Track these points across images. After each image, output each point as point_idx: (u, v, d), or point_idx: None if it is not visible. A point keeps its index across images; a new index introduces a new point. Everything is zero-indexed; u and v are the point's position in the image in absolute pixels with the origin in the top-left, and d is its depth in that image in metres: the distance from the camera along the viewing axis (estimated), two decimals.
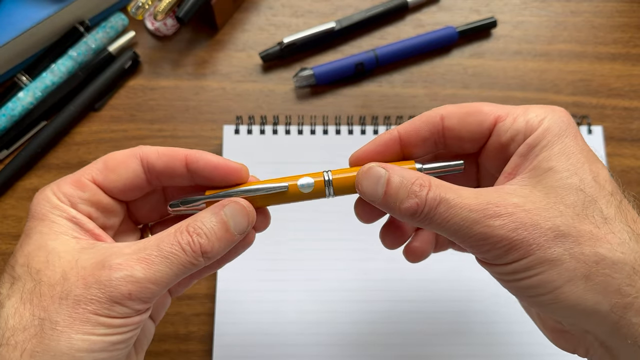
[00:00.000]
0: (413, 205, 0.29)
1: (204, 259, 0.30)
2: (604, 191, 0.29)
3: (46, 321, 0.27)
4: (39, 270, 0.29)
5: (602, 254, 0.28)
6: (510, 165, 0.31)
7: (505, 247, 0.28)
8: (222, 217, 0.30)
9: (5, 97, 0.50)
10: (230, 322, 0.45)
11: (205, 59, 0.53)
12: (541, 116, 0.31)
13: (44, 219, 0.30)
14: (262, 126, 0.50)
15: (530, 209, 0.29)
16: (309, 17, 0.55)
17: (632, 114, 0.52)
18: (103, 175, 0.32)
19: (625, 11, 0.56)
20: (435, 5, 0.56)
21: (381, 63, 0.53)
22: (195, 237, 0.29)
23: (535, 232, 0.28)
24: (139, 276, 0.28)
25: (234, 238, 0.31)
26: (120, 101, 0.52)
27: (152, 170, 0.32)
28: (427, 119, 0.33)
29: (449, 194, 0.29)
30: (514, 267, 0.29)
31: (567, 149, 0.30)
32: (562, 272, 0.28)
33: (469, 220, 0.29)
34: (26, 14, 0.49)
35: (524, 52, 0.54)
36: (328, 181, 0.32)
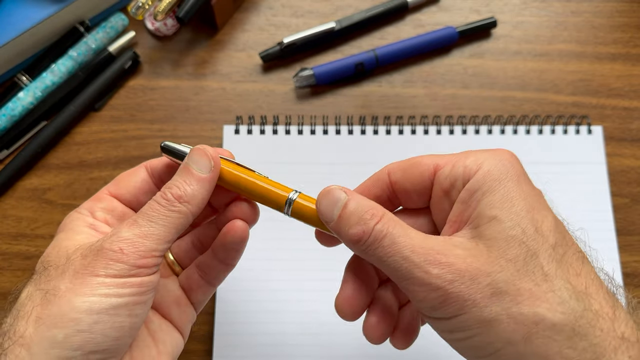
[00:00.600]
0: (359, 232, 0.30)
1: (182, 204, 0.32)
2: (546, 244, 0.29)
3: (50, 290, 0.29)
4: (50, 260, 0.31)
5: (542, 314, 0.27)
6: (453, 213, 0.31)
7: (439, 299, 0.28)
8: (184, 167, 0.33)
9: (6, 97, 0.50)
10: (230, 322, 0.45)
11: (205, 59, 0.54)
12: (480, 160, 0.31)
13: (64, 229, 0.34)
14: (262, 126, 0.50)
15: (471, 262, 0.28)
16: (309, 17, 0.55)
17: (632, 114, 0.52)
18: (117, 187, 0.36)
19: (625, 11, 0.56)
20: (435, 6, 0.56)
21: (381, 63, 0.53)
22: (166, 190, 0.32)
23: (473, 288, 0.28)
24: (126, 234, 0.30)
25: (203, 177, 0.33)
26: (120, 101, 0.52)
27: (155, 172, 0.36)
28: (375, 177, 0.34)
29: (396, 230, 0.29)
30: (452, 324, 0.28)
31: (509, 195, 0.29)
32: (501, 333, 0.27)
33: (409, 261, 0.28)
34: (26, 14, 0.49)
35: (523, 52, 0.54)
36: (289, 200, 0.33)
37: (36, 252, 0.47)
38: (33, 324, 0.28)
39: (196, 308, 0.37)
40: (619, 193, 0.49)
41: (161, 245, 0.31)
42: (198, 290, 0.37)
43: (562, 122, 0.51)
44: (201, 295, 0.37)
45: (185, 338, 0.37)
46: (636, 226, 0.48)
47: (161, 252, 0.31)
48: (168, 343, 0.35)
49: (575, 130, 0.51)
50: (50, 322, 0.28)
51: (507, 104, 0.52)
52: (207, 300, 0.38)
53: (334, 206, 0.31)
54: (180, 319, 0.36)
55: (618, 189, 0.49)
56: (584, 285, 0.28)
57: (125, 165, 0.50)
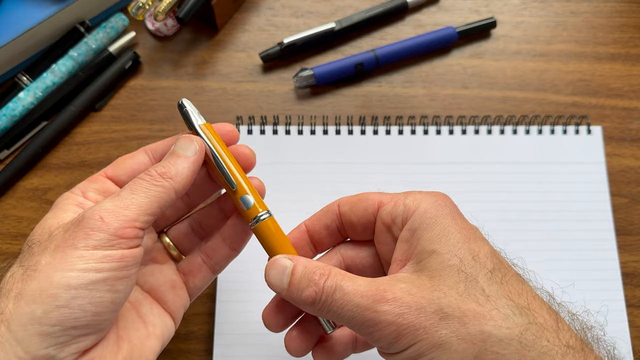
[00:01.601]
0: (312, 294, 0.31)
1: (166, 180, 0.32)
2: (485, 269, 0.30)
3: (31, 266, 0.29)
4: (34, 238, 0.31)
5: (488, 331, 0.28)
6: (397, 252, 0.32)
7: (393, 334, 0.29)
8: (171, 150, 0.34)
9: (6, 97, 0.50)
10: (230, 322, 0.45)
11: (205, 59, 0.54)
12: (418, 201, 0.32)
13: (54, 209, 0.33)
14: (262, 126, 0.50)
15: (416, 292, 0.29)
16: (309, 18, 0.55)
17: (631, 114, 0.52)
18: (114, 169, 0.35)
19: (624, 11, 0.56)
20: (435, 6, 0.56)
21: (381, 63, 0.53)
22: (151, 168, 0.33)
23: (421, 316, 0.29)
24: (108, 205, 0.30)
25: (189, 158, 0.33)
26: (120, 101, 0.52)
27: (156, 154, 0.36)
28: (327, 208, 0.36)
29: (344, 282, 0.30)
30: (407, 355, 0.29)
31: (446, 230, 0.31)
32: (452, 354, 0.28)
33: (361, 306, 0.29)
34: (27, 14, 0.49)
35: (523, 52, 0.54)
36: (256, 219, 0.34)
37: None
38: (13, 301, 0.28)
39: (191, 294, 0.38)
40: (618, 193, 0.49)
41: (142, 216, 0.31)
42: (198, 275, 0.37)
43: (561, 122, 0.51)
44: (200, 281, 0.37)
45: (176, 324, 0.37)
46: (635, 226, 0.48)
47: (142, 225, 0.31)
48: (158, 326, 0.35)
49: (574, 131, 0.51)
50: (29, 297, 0.28)
51: (507, 104, 0.52)
52: (204, 287, 0.38)
53: (282, 275, 0.32)
54: (174, 303, 0.36)
55: (617, 189, 0.49)
56: (526, 302, 0.30)
57: None
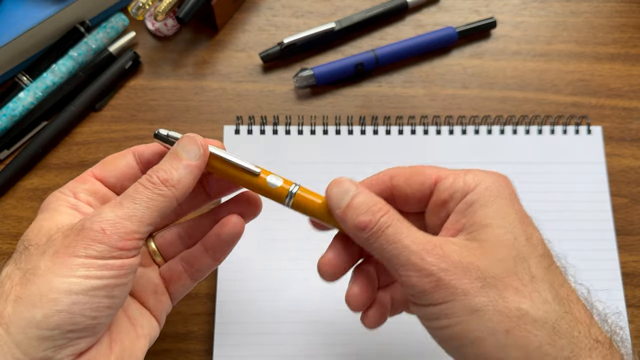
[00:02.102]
0: (366, 221, 0.31)
1: (167, 188, 0.32)
2: (536, 252, 0.31)
3: (29, 270, 0.29)
4: (30, 239, 0.31)
5: (526, 309, 0.29)
6: (450, 221, 0.33)
7: (431, 283, 0.29)
8: (173, 153, 0.33)
9: (6, 97, 0.50)
10: (230, 322, 0.45)
11: (205, 59, 0.54)
12: (479, 178, 0.33)
13: (46, 209, 0.33)
14: (262, 126, 0.50)
15: (465, 256, 0.30)
16: (309, 18, 0.55)
17: (631, 114, 0.52)
18: (101, 169, 0.35)
19: (624, 11, 0.56)
20: (435, 6, 0.56)
21: (381, 63, 0.53)
22: (152, 173, 0.32)
23: (464, 279, 0.29)
24: (109, 215, 0.30)
25: (191, 164, 0.33)
26: (120, 101, 0.52)
27: (142, 159, 0.36)
28: (377, 177, 0.36)
29: (400, 223, 0.32)
30: (439, 310, 0.30)
31: (503, 209, 0.32)
32: (485, 323, 0.29)
33: (409, 249, 0.30)
34: (27, 14, 0.49)
35: (523, 52, 0.54)
36: (291, 193, 0.34)
37: None
38: (12, 304, 0.28)
39: (173, 299, 0.38)
40: (618, 193, 0.49)
41: (143, 227, 0.31)
42: (178, 283, 0.37)
43: (561, 122, 0.51)
44: (180, 287, 0.38)
45: (160, 326, 0.37)
46: (635, 226, 0.48)
47: (143, 235, 0.31)
48: (146, 327, 0.35)
49: (574, 131, 0.51)
50: (29, 301, 0.28)
51: (507, 104, 0.52)
52: (185, 293, 0.38)
53: (343, 195, 0.33)
54: (157, 307, 0.36)
55: (617, 189, 0.50)
56: (566, 294, 0.30)
57: None
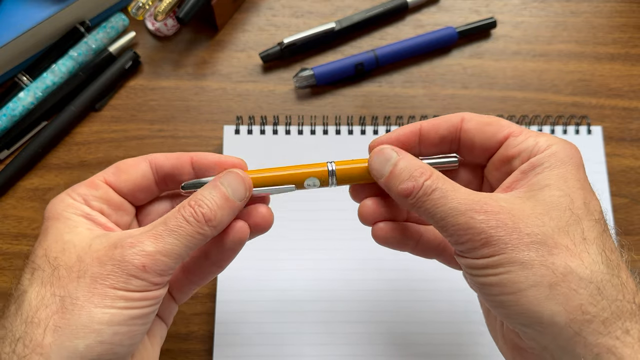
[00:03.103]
0: (409, 187, 0.32)
1: (209, 228, 0.31)
2: (591, 216, 0.31)
3: (67, 298, 0.29)
4: (56, 257, 0.30)
5: (572, 267, 0.29)
6: (510, 179, 0.33)
7: (481, 241, 0.30)
8: (219, 187, 0.32)
9: (6, 97, 0.50)
10: (230, 322, 0.45)
11: (205, 60, 0.54)
12: (550, 142, 0.33)
13: (59, 217, 0.32)
14: (262, 126, 0.50)
15: (515, 214, 0.30)
16: (309, 18, 0.55)
17: (631, 114, 0.52)
18: (115, 177, 0.34)
19: (624, 11, 0.56)
20: (435, 6, 0.56)
21: (381, 63, 0.53)
22: (197, 208, 0.31)
23: (514, 235, 0.29)
24: (150, 249, 0.30)
25: (235, 205, 0.32)
26: (120, 101, 0.52)
27: (160, 171, 0.35)
28: (448, 117, 0.35)
29: (445, 185, 0.31)
30: (486, 262, 0.30)
31: (566, 175, 0.32)
32: (529, 275, 0.29)
33: (457, 210, 0.30)
34: (27, 14, 0.49)
35: (523, 52, 0.54)
36: (332, 171, 0.34)
37: None
38: (51, 333, 0.28)
39: (178, 301, 0.37)
40: (619, 193, 0.49)
41: (177, 263, 0.31)
42: (181, 290, 0.37)
43: (561, 122, 0.51)
44: (184, 294, 0.37)
45: (168, 326, 0.37)
46: (636, 226, 0.48)
47: (174, 270, 0.31)
48: (157, 335, 0.35)
49: (574, 131, 0.51)
50: (70, 332, 0.28)
51: (507, 104, 0.52)
52: (189, 296, 0.38)
53: (385, 163, 0.33)
54: (164, 313, 0.36)
55: (617, 189, 0.49)
56: (616, 260, 0.30)
57: None
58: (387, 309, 0.45)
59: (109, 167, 0.35)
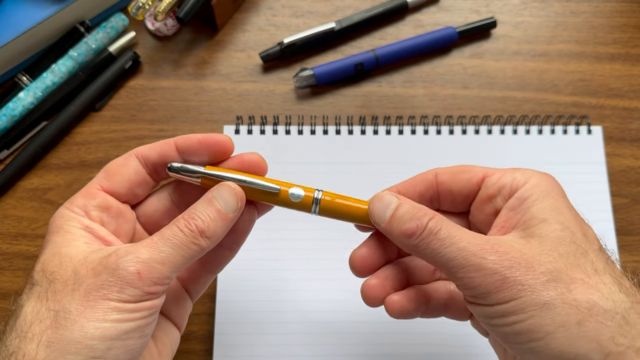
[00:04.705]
0: (413, 227, 0.31)
1: (204, 239, 0.32)
2: (594, 246, 0.31)
3: (60, 312, 0.29)
4: (53, 272, 0.30)
5: (595, 300, 0.28)
6: (500, 218, 0.33)
7: (496, 283, 0.29)
8: (212, 201, 0.33)
9: (6, 97, 0.50)
10: (230, 322, 0.45)
11: (205, 59, 0.54)
12: (528, 175, 0.33)
13: (58, 231, 0.32)
14: (262, 126, 0.50)
15: (526, 252, 0.30)
16: (309, 18, 0.55)
17: (631, 114, 0.52)
18: (108, 181, 0.34)
19: (624, 11, 0.56)
20: (435, 6, 0.56)
21: (381, 63, 0.53)
22: (191, 220, 0.32)
23: (529, 275, 0.29)
24: (145, 256, 0.30)
25: (228, 217, 0.33)
26: (120, 101, 0.52)
27: (149, 163, 0.35)
28: (423, 176, 0.36)
29: (450, 225, 0.31)
30: (504, 308, 0.29)
31: (557, 206, 0.32)
32: (555, 316, 0.28)
33: (467, 250, 0.30)
34: (26, 14, 0.49)
35: (523, 52, 0.54)
36: (316, 200, 0.34)
37: (37, 252, 0.47)
38: (44, 349, 0.28)
39: (193, 297, 0.38)
40: (619, 193, 0.49)
41: (174, 273, 0.31)
42: (198, 281, 0.37)
43: (561, 122, 0.51)
44: (201, 285, 0.37)
45: (181, 331, 0.37)
46: (636, 226, 0.48)
47: (171, 280, 0.31)
48: (167, 342, 0.35)
49: (574, 131, 0.51)
50: (62, 347, 0.28)
51: (507, 104, 0.52)
52: (205, 289, 0.38)
53: (386, 208, 0.33)
54: (179, 314, 0.36)
55: (618, 189, 0.49)
56: (629, 286, 0.30)
57: None
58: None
59: (98, 173, 0.35)
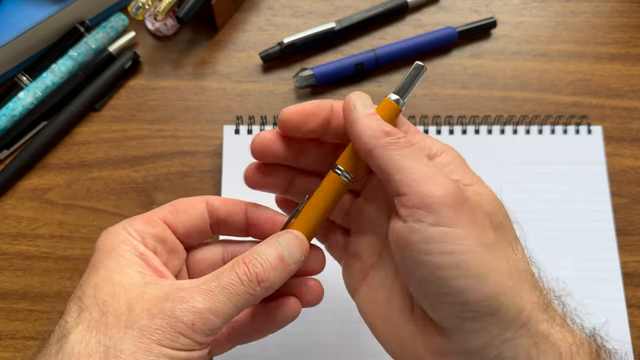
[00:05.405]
0: (392, 130, 0.32)
1: (261, 289, 0.30)
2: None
3: (111, 349, 0.28)
4: (105, 301, 0.30)
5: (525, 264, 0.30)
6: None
7: (451, 203, 0.29)
8: (276, 247, 0.32)
9: (6, 97, 0.50)
10: None
11: (205, 59, 0.54)
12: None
13: (111, 253, 0.31)
14: (262, 126, 0.50)
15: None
16: (309, 18, 0.55)
17: (631, 114, 0.52)
18: (173, 216, 0.34)
19: (624, 11, 0.56)
20: (435, 6, 0.56)
21: (381, 63, 0.53)
22: (251, 266, 0.30)
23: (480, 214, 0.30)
24: (200, 306, 0.29)
25: (289, 268, 0.32)
26: (120, 101, 0.52)
27: (214, 215, 0.35)
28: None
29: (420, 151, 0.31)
30: (451, 233, 0.28)
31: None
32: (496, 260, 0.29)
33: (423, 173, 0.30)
34: (26, 14, 0.49)
35: (523, 52, 0.54)
36: (342, 174, 0.33)
37: (36, 252, 0.47)
38: None
39: (211, 355, 0.36)
40: (619, 193, 0.49)
41: (224, 323, 0.30)
42: (218, 343, 0.35)
43: (561, 122, 0.51)
44: (219, 348, 0.36)
45: None
46: (636, 226, 0.48)
47: (220, 329, 0.30)
48: None
49: (575, 130, 0.51)
50: None
51: (507, 104, 0.52)
52: (222, 353, 0.37)
53: (368, 105, 0.35)
54: None
55: (618, 189, 0.49)
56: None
57: (125, 165, 0.50)
58: None
59: (165, 204, 0.35)
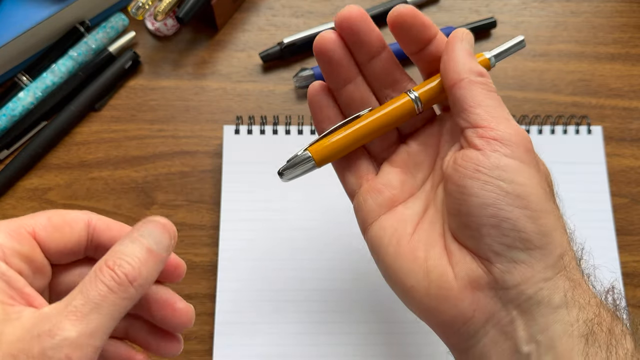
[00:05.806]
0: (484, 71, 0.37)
1: (135, 289, 0.26)
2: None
3: None
4: None
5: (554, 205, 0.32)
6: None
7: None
8: (140, 240, 0.27)
9: (6, 97, 0.50)
10: (230, 322, 0.45)
11: (205, 59, 0.54)
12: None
13: None
14: (262, 126, 0.50)
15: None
16: (309, 18, 0.55)
17: (631, 114, 0.52)
18: (46, 233, 0.29)
19: (625, 11, 0.56)
20: (435, 6, 0.56)
21: None
22: (118, 268, 0.26)
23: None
24: (72, 335, 0.24)
25: (161, 257, 0.28)
26: (120, 101, 0.52)
27: (95, 239, 0.30)
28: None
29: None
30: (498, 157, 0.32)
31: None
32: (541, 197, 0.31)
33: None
34: (26, 14, 0.49)
35: (523, 52, 0.54)
36: (415, 99, 0.36)
37: None
38: None
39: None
40: (619, 193, 0.49)
41: (105, 339, 0.26)
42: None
43: (561, 122, 0.51)
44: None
45: None
46: (636, 226, 0.48)
47: (102, 346, 0.26)
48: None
49: (574, 130, 0.51)
50: None
51: (507, 104, 0.52)
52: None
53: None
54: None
55: (618, 189, 0.49)
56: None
57: (125, 165, 0.50)
58: (390, 308, 0.45)
59: (39, 213, 0.29)
